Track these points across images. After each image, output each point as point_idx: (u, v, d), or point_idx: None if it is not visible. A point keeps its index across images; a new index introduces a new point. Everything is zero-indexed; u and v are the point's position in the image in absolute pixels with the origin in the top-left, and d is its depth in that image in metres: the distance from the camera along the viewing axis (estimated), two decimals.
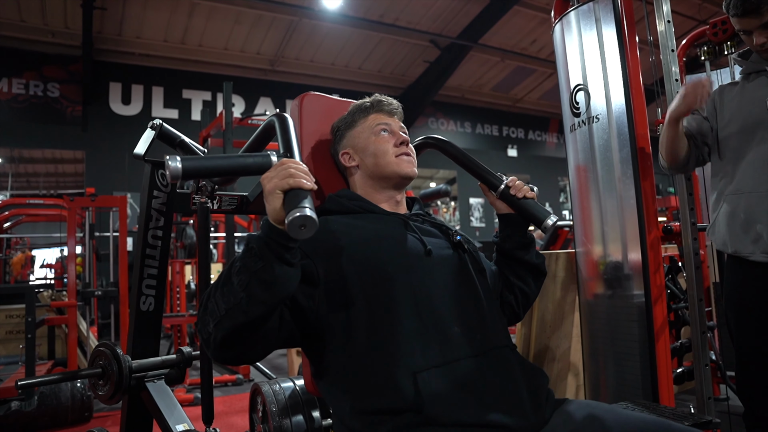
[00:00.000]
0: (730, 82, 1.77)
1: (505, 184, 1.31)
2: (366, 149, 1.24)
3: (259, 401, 1.78)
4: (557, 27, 2.27)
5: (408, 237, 1.13)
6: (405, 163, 1.22)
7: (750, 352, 1.62)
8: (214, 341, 0.92)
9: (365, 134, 1.25)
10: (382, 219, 1.18)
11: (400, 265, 1.06)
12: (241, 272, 0.88)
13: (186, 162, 0.90)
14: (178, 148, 1.54)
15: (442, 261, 1.12)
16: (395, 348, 0.98)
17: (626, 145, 2.00)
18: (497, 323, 1.12)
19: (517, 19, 9.92)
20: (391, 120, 1.27)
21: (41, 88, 8.62)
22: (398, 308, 1.01)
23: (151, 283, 1.59)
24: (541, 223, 1.25)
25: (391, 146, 1.23)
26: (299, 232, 0.82)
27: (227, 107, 4.50)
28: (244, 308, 0.87)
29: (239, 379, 4.14)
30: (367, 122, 1.26)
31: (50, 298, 4.66)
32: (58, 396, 3.06)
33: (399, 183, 1.24)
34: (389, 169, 1.21)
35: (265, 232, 0.89)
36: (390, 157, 1.22)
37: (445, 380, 0.96)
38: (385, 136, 1.24)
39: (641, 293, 1.96)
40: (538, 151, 13.87)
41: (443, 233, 1.21)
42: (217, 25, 9.16)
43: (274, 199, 0.87)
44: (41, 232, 9.27)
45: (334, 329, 1.02)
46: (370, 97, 1.31)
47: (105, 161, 8.52)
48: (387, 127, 1.25)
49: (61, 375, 1.45)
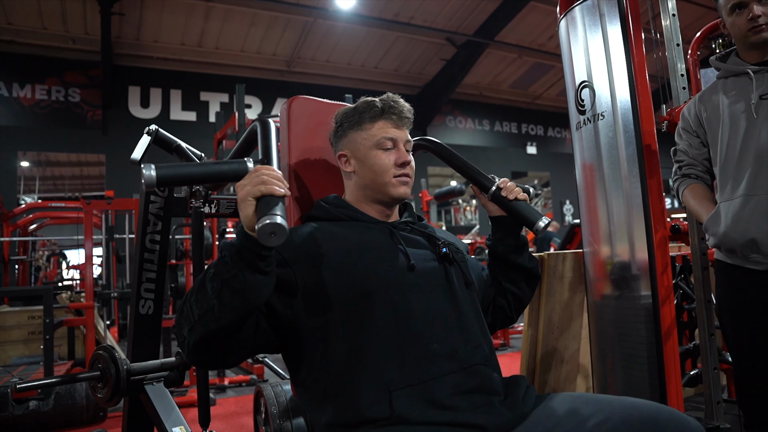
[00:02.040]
0: (708, 88, 1.70)
1: (497, 185, 1.29)
2: (365, 161, 1.19)
3: (262, 403, 1.79)
4: (562, 23, 2.24)
5: (392, 249, 1.11)
6: (402, 187, 1.18)
7: (747, 362, 1.57)
8: (188, 346, 0.92)
9: (368, 144, 1.19)
10: (369, 228, 1.16)
11: (381, 279, 1.05)
12: (213, 279, 0.89)
13: (160, 170, 0.91)
14: (175, 153, 1.55)
15: (426, 274, 1.10)
16: (372, 363, 0.97)
17: (632, 143, 1.96)
18: (480, 338, 1.10)
19: (533, 15, 9.82)
20: (399, 133, 1.20)
21: (63, 94, 8.81)
22: (377, 324, 1.00)
23: (149, 287, 1.60)
24: (532, 225, 1.23)
25: (393, 165, 1.17)
26: (269, 239, 0.82)
27: (240, 109, 4.54)
28: (215, 315, 0.88)
29: (253, 379, 4.17)
30: (373, 130, 1.19)
31: (69, 300, 4.75)
32: (73, 396, 3.12)
33: (391, 203, 1.21)
34: (385, 190, 1.18)
35: (238, 240, 0.89)
36: (388, 177, 1.17)
37: (420, 399, 0.95)
38: (388, 153, 1.18)
39: (648, 294, 1.92)
40: (558, 148, 13.71)
41: (430, 243, 1.19)
42: (232, 27, 9.25)
43: (246, 206, 0.87)
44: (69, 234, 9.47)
45: (311, 340, 1.02)
46: (381, 97, 1.23)
47: (125, 164, 8.53)
48: (392, 142, 1.19)
49: (59, 378, 1.47)
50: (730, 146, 1.57)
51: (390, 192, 1.18)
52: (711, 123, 1.63)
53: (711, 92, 1.68)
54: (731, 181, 1.56)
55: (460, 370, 1.01)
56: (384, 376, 0.96)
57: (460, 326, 1.07)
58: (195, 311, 0.90)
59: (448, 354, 1.01)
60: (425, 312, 1.04)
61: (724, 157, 1.58)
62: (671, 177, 1.79)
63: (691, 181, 1.72)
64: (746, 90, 1.55)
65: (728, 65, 1.63)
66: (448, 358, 1.01)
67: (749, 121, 1.52)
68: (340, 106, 1.39)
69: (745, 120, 1.53)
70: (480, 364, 1.05)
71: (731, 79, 1.62)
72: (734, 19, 1.55)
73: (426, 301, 1.06)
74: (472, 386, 1.00)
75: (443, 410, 0.95)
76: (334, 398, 0.98)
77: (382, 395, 0.94)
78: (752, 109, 1.51)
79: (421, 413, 0.93)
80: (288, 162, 1.30)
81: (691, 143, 1.71)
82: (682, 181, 1.74)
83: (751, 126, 1.52)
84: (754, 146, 1.50)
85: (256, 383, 4.12)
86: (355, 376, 0.97)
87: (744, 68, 1.56)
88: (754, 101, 1.51)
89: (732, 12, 1.55)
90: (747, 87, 1.55)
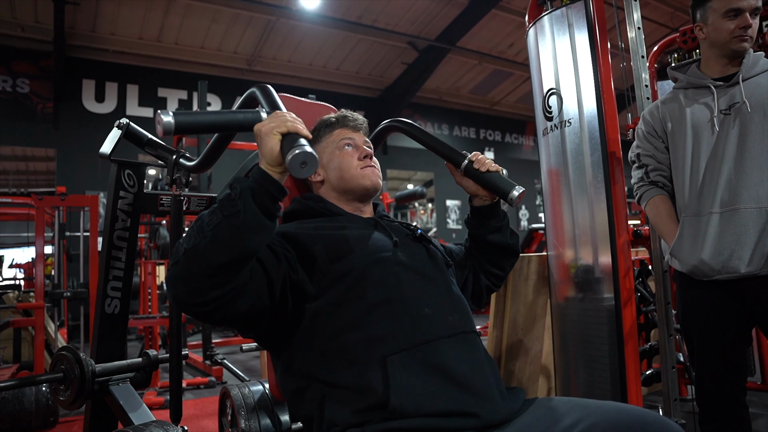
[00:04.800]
0: (669, 96, 1.73)
1: (468, 159, 1.31)
2: (330, 163, 1.25)
3: (228, 405, 1.75)
4: (531, 31, 2.29)
5: (375, 233, 1.15)
6: (369, 175, 1.23)
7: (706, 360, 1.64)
8: (168, 280, 0.88)
9: (330, 149, 1.26)
10: (351, 219, 1.19)
11: (369, 256, 1.07)
12: (212, 214, 0.86)
13: (179, 117, 0.89)
14: (147, 147, 1.51)
15: (410, 251, 1.14)
16: (365, 335, 0.98)
17: (597, 150, 2.02)
18: (465, 309, 1.13)
19: (494, 23, 9.99)
20: (356, 135, 1.28)
21: (10, 84, 8.40)
22: (368, 297, 1.02)
23: (116, 285, 1.55)
24: (506, 195, 1.25)
25: (355, 160, 1.24)
26: (300, 170, 0.81)
27: (202, 106, 4.46)
28: (203, 249, 0.83)
29: (212, 381, 4.09)
30: (332, 137, 1.27)
31: (17, 300, 4.54)
32: (21, 401, 2.94)
33: (363, 195, 1.25)
34: (354, 182, 1.22)
35: (254, 179, 0.87)
36: (354, 170, 1.23)
37: (415, 365, 0.96)
38: (349, 151, 1.25)
39: (611, 296, 1.98)
40: (515, 154, 14.00)
41: (408, 229, 1.23)
42: (193, 23, 9.05)
43: (270, 139, 0.86)
44: (10, 231, 9.03)
45: (304, 318, 1.02)
46: (334, 114, 1.32)
47: (77, 160, 8.33)
48: (351, 142, 1.26)
49: (19, 380, 1.40)
50: (694, 158, 1.61)
51: (360, 183, 1.22)
52: (674, 133, 1.67)
53: (672, 100, 1.71)
54: (695, 195, 1.60)
55: (453, 335, 1.03)
56: (379, 344, 0.97)
57: (448, 295, 1.11)
58: (183, 246, 0.86)
59: (440, 319, 1.04)
60: (414, 282, 1.07)
61: (689, 169, 1.62)
62: (634, 182, 1.80)
63: (657, 192, 1.73)
64: (708, 104, 1.61)
65: (689, 77, 1.68)
66: (440, 322, 1.04)
67: (713, 135, 1.57)
68: (322, 106, 1.39)
69: (709, 133, 1.58)
70: (472, 332, 1.09)
71: (691, 90, 1.66)
72: (724, 23, 1.57)
73: (414, 271, 1.09)
74: (462, 353, 1.02)
75: (437, 381, 0.95)
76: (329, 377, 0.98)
77: (377, 365, 0.95)
78: (715, 122, 1.58)
79: (416, 377, 0.94)
80: None
81: (656, 147, 1.73)
82: (648, 190, 1.75)
83: (714, 140, 1.57)
84: (718, 161, 1.56)
85: (215, 385, 4.04)
86: (350, 349, 0.98)
87: (705, 82, 1.63)
88: (716, 114, 1.58)
89: (725, 16, 1.57)
90: (708, 100, 1.61)
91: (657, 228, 1.75)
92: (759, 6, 1.54)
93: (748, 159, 1.52)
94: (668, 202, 1.71)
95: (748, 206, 1.50)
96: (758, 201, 1.49)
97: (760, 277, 1.50)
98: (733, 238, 1.51)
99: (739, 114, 1.54)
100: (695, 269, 1.59)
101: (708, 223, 1.56)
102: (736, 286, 1.55)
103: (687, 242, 1.61)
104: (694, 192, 1.61)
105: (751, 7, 1.53)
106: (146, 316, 4.55)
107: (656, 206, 1.73)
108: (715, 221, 1.54)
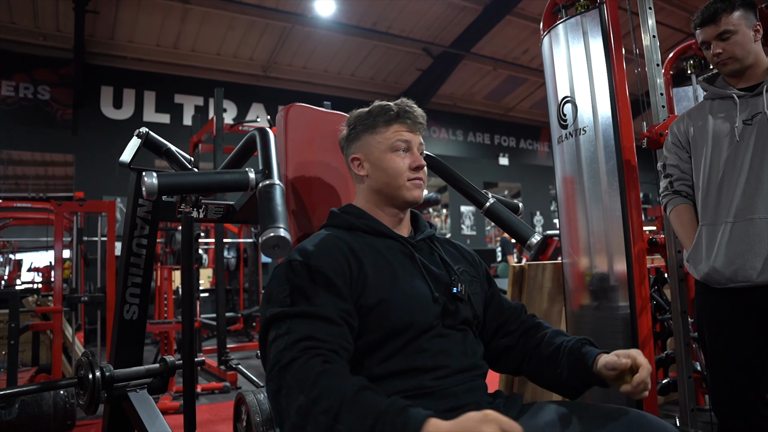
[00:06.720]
0: (697, 107, 1.76)
1: (489, 201, 1.32)
2: (379, 164, 1.18)
3: (244, 411, 1.77)
4: (546, 39, 2.29)
5: (417, 281, 1.11)
6: (416, 190, 1.18)
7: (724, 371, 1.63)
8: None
9: (382, 147, 1.18)
10: (390, 247, 1.15)
11: (409, 317, 1.05)
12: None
13: (162, 178, 0.90)
14: (165, 157, 1.53)
15: (444, 312, 1.10)
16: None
17: (612, 158, 2.02)
18: (480, 380, 1.12)
19: (509, 29, 9.99)
20: (413, 137, 1.20)
21: (31, 91, 8.55)
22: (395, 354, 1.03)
23: (135, 292, 1.57)
24: (525, 241, 1.27)
25: (407, 170, 1.17)
26: None
27: (218, 113, 4.50)
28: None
29: (226, 386, 4.11)
30: (388, 133, 1.19)
31: (35, 304, 4.61)
32: (39, 404, 2.99)
33: (404, 205, 1.21)
34: (398, 193, 1.17)
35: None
36: (402, 180, 1.17)
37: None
38: (402, 155, 1.18)
39: (626, 305, 1.97)
40: (530, 160, 13.93)
41: (446, 268, 1.18)
42: (210, 30, 9.15)
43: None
44: (29, 235, 9.17)
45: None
46: (395, 102, 1.22)
47: (95, 165, 8.45)
48: (406, 145, 1.19)
49: (38, 385, 1.43)
50: (713, 168, 1.62)
51: (404, 196, 1.17)
52: (697, 142, 1.69)
53: (699, 111, 1.73)
54: (712, 204, 1.61)
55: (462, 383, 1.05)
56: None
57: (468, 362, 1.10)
58: (296, 410, 0.83)
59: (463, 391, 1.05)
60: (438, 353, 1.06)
61: (707, 179, 1.63)
62: (659, 191, 1.82)
63: (681, 201, 1.75)
64: (731, 114, 1.61)
65: (715, 88, 1.69)
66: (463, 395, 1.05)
67: (732, 145, 1.58)
68: (338, 115, 1.40)
69: (728, 143, 1.59)
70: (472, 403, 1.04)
71: (717, 101, 1.68)
72: (707, 53, 1.66)
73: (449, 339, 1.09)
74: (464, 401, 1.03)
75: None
76: None
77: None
78: (736, 132, 1.58)
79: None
80: (284, 172, 1.29)
81: (681, 157, 1.75)
82: (672, 199, 1.77)
83: (734, 150, 1.58)
84: (736, 171, 1.56)
85: (230, 390, 4.06)
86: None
87: (729, 92, 1.63)
88: (737, 125, 1.58)
89: (701, 48, 1.68)
90: (731, 111, 1.62)
91: (678, 236, 1.77)
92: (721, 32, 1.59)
93: (766, 170, 1.52)
94: (691, 211, 1.73)
95: (763, 216, 1.50)
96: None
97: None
98: (746, 247, 1.52)
99: (760, 124, 1.54)
100: (709, 277, 1.61)
101: (723, 231, 1.57)
102: (752, 295, 1.55)
103: (702, 250, 1.62)
104: (711, 201, 1.62)
105: (712, 37, 1.61)
106: (162, 321, 4.59)
107: (679, 215, 1.75)
108: (730, 230, 1.55)
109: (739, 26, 1.58)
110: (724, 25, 1.58)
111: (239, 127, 4.99)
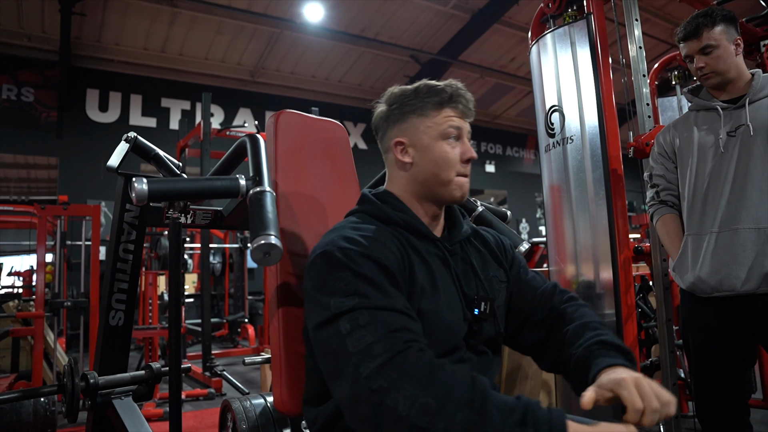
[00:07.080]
0: (682, 118, 1.79)
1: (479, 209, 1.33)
2: (428, 151, 1.07)
3: (229, 418, 1.75)
4: (534, 49, 2.32)
5: (452, 295, 1.05)
6: (463, 188, 1.09)
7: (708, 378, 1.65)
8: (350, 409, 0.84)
9: (432, 132, 1.07)
10: (427, 251, 1.06)
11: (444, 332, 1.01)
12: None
13: (152, 185, 0.90)
14: (153, 162, 1.52)
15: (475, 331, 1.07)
16: None
17: (599, 167, 2.04)
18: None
19: (496, 37, 10.06)
20: (464, 124, 1.09)
21: (15, 93, 8.44)
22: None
23: (121, 298, 1.56)
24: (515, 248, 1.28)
25: (459, 163, 1.07)
26: None
27: (206, 118, 4.47)
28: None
29: (211, 393, 4.07)
30: (439, 117, 1.07)
31: (16, 309, 4.53)
32: (19, 412, 2.91)
33: (446, 203, 1.12)
34: (444, 188, 1.08)
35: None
36: (452, 174, 1.07)
37: None
38: (453, 144, 1.07)
39: (612, 312, 1.99)
40: (516, 168, 14.03)
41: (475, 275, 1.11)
42: (198, 34, 9.11)
43: None
44: (9, 239, 9.03)
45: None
46: (445, 83, 1.09)
47: (79, 169, 8.35)
48: (458, 132, 1.08)
49: (18, 392, 1.41)
50: (698, 179, 1.65)
51: (451, 193, 1.08)
52: (682, 153, 1.72)
53: (684, 122, 1.76)
54: (698, 214, 1.64)
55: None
56: None
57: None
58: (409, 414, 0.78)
59: None
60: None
61: (693, 189, 1.66)
62: (646, 201, 1.85)
63: (667, 211, 1.78)
64: (715, 126, 1.64)
65: (700, 100, 1.72)
66: None
67: (717, 156, 1.61)
68: (328, 122, 1.39)
69: (713, 154, 1.62)
70: None
71: (702, 112, 1.71)
72: (691, 66, 1.70)
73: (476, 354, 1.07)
74: None
75: None
76: None
77: None
78: (720, 144, 1.61)
79: None
80: (274, 179, 1.28)
81: (667, 168, 1.78)
82: (659, 208, 1.79)
83: (718, 161, 1.61)
84: (721, 182, 1.59)
85: (215, 397, 4.03)
86: None
87: (714, 104, 1.66)
88: (722, 137, 1.61)
89: (685, 61, 1.71)
90: (716, 122, 1.65)
91: (664, 245, 1.80)
92: (704, 46, 1.62)
93: (750, 180, 1.54)
94: (676, 221, 1.76)
95: (747, 226, 1.53)
96: (757, 222, 1.52)
97: (758, 295, 1.52)
98: (730, 257, 1.54)
99: (743, 136, 1.57)
100: (694, 286, 1.63)
101: (708, 241, 1.59)
102: (736, 304, 1.57)
103: (688, 260, 1.64)
104: (697, 211, 1.64)
105: (695, 51, 1.64)
106: (146, 326, 4.55)
107: (665, 224, 1.77)
108: (715, 240, 1.57)
109: (720, 41, 1.61)
110: (706, 40, 1.61)
111: (227, 132, 4.97)
